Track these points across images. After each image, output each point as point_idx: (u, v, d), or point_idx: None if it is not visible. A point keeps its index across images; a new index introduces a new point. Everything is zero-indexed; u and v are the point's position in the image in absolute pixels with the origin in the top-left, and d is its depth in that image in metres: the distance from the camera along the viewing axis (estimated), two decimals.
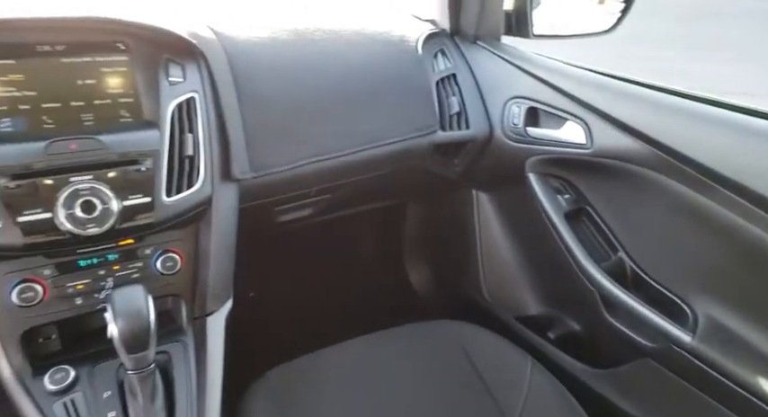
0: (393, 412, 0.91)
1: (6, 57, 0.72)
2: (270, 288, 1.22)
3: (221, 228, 0.86)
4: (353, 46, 1.05)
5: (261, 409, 0.87)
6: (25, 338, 0.76)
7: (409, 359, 1.01)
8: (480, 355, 0.99)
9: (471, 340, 1.03)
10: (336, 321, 1.47)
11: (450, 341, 1.03)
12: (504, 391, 0.93)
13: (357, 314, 1.48)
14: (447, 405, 0.93)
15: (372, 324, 1.08)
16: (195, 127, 0.81)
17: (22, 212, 0.68)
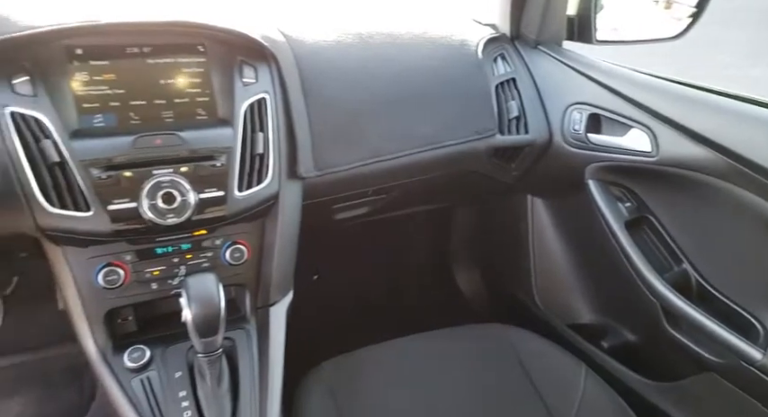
0: (444, 410, 0.92)
1: (101, 59, 0.78)
2: (323, 283, 1.26)
3: (286, 223, 0.90)
4: (414, 49, 1.06)
5: (317, 398, 0.90)
6: (107, 318, 0.82)
7: (461, 359, 1.01)
8: (532, 360, 0.99)
9: (523, 344, 1.03)
10: (384, 318, 1.49)
11: (502, 345, 1.03)
12: (557, 397, 0.92)
13: (404, 313, 1.50)
14: (498, 408, 0.93)
15: (419, 324, 1.09)
16: (266, 126, 0.85)
17: (112, 201, 0.74)
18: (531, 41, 1.19)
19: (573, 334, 1.25)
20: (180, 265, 0.85)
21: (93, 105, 0.78)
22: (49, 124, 0.72)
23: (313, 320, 1.16)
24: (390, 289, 1.68)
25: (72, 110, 0.76)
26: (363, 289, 1.64)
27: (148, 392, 0.78)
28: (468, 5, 1.35)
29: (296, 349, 0.93)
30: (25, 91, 0.72)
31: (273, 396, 0.82)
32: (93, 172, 0.73)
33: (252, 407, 0.80)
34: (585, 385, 0.94)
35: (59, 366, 1.42)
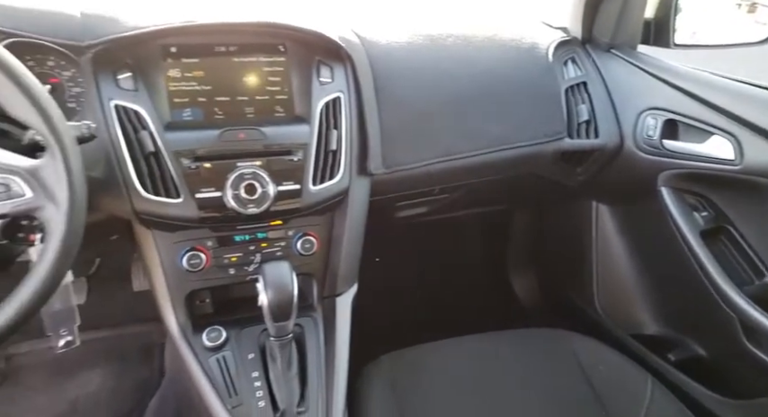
0: (503, 413, 0.92)
1: (192, 56, 0.83)
2: (379, 278, 1.28)
3: (354, 218, 0.93)
4: (484, 51, 1.07)
5: (377, 390, 0.91)
6: (188, 299, 0.88)
7: (519, 362, 1.01)
8: (595, 368, 0.97)
9: (585, 351, 1.01)
10: (438, 316, 1.49)
11: (561, 350, 1.02)
12: (622, 407, 0.90)
13: (456, 312, 1.50)
14: (558, 414, 0.92)
15: (472, 324, 1.09)
16: (339, 124, 0.88)
17: (199, 190, 0.79)
18: (603, 45, 1.17)
19: (637, 344, 1.21)
20: (255, 253, 0.89)
21: (184, 100, 0.83)
22: (146, 116, 0.77)
23: (368, 314, 1.19)
24: (443, 289, 1.68)
25: (165, 105, 0.82)
26: (417, 287, 1.65)
27: (224, 370, 0.82)
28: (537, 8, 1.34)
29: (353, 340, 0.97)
30: (127, 86, 0.78)
31: (339, 383, 0.85)
32: (184, 162, 0.78)
33: (319, 391, 0.83)
34: (652, 397, 0.91)
35: (134, 344, 1.52)
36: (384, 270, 1.57)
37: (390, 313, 1.47)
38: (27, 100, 0.56)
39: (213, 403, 0.80)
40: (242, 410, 0.79)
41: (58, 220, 0.58)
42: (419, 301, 1.62)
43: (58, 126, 0.58)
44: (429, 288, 1.68)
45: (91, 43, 0.75)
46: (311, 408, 0.82)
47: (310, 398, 0.83)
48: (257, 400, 0.80)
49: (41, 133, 0.58)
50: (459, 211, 1.42)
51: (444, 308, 1.60)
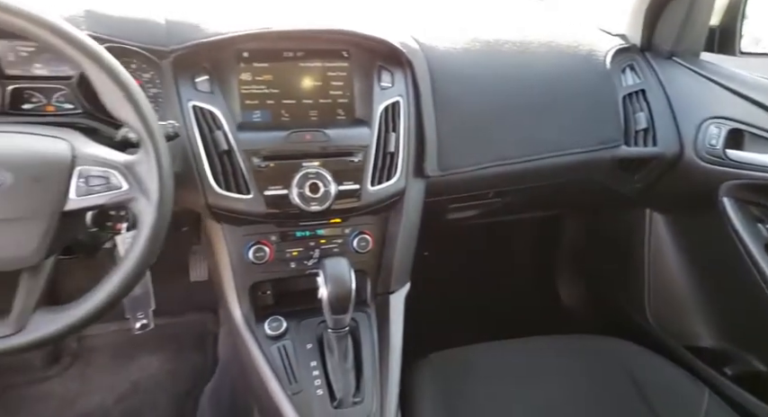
0: None
1: (262, 61, 0.88)
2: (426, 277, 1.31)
3: (409, 218, 0.96)
4: (541, 58, 1.07)
5: (427, 387, 0.94)
6: (251, 290, 0.93)
7: (568, 369, 1.00)
8: (648, 379, 0.96)
9: (637, 361, 1.00)
10: (483, 317, 1.50)
11: (611, 359, 1.01)
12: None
13: (502, 315, 1.50)
14: None
15: (517, 327, 1.10)
16: (398, 127, 0.90)
17: (268, 187, 0.84)
18: (664, 52, 1.16)
19: (691, 356, 1.19)
20: (315, 248, 0.93)
21: (254, 102, 0.88)
22: (221, 117, 0.83)
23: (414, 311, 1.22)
24: (489, 290, 1.69)
25: (237, 106, 0.87)
26: (463, 287, 1.66)
27: (284, 358, 0.87)
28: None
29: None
30: (204, 88, 0.84)
31: (393, 377, 0.88)
32: (254, 160, 0.83)
33: (374, 384, 0.86)
34: (708, 411, 0.89)
35: (189, 331, 1.60)
36: (431, 269, 1.60)
37: (436, 311, 1.48)
38: (128, 101, 0.62)
39: (274, 389, 0.84)
40: (301, 396, 0.84)
41: (149, 211, 0.63)
42: (465, 301, 1.63)
43: (153, 125, 0.63)
44: (475, 288, 1.68)
45: (175, 48, 0.81)
46: (366, 398, 0.85)
47: (365, 389, 0.86)
48: (316, 388, 0.84)
49: (137, 131, 0.63)
50: (513, 215, 1.43)
51: (489, 310, 1.60)
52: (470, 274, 1.70)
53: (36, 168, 0.60)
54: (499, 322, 1.38)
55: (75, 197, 0.61)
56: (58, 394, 1.42)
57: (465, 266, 1.70)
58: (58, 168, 0.61)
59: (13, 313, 0.61)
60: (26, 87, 0.82)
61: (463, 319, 1.46)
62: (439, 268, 1.61)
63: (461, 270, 1.69)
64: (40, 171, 0.60)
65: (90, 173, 0.62)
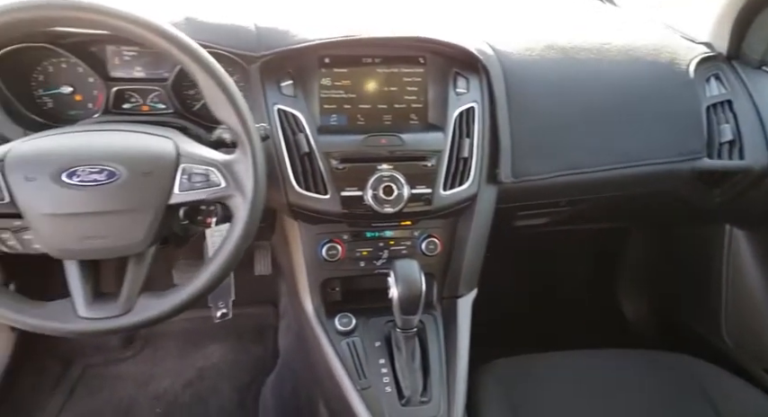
0: None
1: (342, 66, 0.92)
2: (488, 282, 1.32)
3: (480, 224, 0.96)
4: (619, 65, 1.05)
5: (493, 392, 0.94)
6: (322, 286, 0.96)
7: (639, 384, 0.98)
8: (725, 400, 0.92)
9: (713, 381, 0.96)
10: (542, 326, 1.48)
11: (685, 377, 0.98)
12: None
13: (562, 325, 1.47)
14: None
15: (578, 338, 1.08)
16: (472, 133, 0.92)
17: (344, 188, 0.87)
18: (753, 62, 1.11)
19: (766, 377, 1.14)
20: (384, 249, 0.96)
21: (332, 106, 0.92)
22: (303, 121, 0.87)
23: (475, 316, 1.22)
24: (550, 299, 1.67)
25: (316, 110, 0.91)
26: (524, 294, 1.65)
27: (353, 354, 0.90)
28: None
29: None
30: (289, 92, 0.88)
31: (460, 379, 0.89)
32: (333, 162, 0.87)
33: (441, 385, 0.88)
34: None
35: (250, 323, 1.67)
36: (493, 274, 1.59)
37: (497, 317, 1.47)
38: (231, 105, 0.66)
39: (344, 383, 0.87)
40: (370, 392, 0.86)
41: (244, 208, 0.67)
42: (523, 308, 1.62)
43: (251, 128, 0.68)
44: (535, 296, 1.67)
45: (264, 53, 0.86)
46: (434, 399, 0.86)
47: (433, 390, 0.87)
48: (384, 385, 0.87)
49: (236, 132, 0.68)
50: (581, 225, 1.40)
51: (547, 319, 1.58)
52: (531, 281, 1.69)
53: (147, 164, 0.66)
54: (557, 331, 1.36)
55: (178, 192, 0.66)
56: (133, 376, 1.52)
57: (526, 273, 1.68)
58: (166, 165, 0.66)
59: (122, 296, 0.67)
60: (127, 89, 0.89)
61: (521, 326, 1.45)
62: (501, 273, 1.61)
63: (522, 277, 1.68)
64: (150, 166, 0.66)
65: (192, 171, 0.67)
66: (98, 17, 0.61)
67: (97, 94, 0.90)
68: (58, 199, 0.63)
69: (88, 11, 0.60)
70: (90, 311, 0.66)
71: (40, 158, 0.64)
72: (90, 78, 0.88)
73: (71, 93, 0.89)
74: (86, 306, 0.66)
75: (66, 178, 0.63)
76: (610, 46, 1.07)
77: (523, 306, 1.63)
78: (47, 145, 0.66)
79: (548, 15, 1.29)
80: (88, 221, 0.64)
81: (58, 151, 0.65)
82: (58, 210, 0.63)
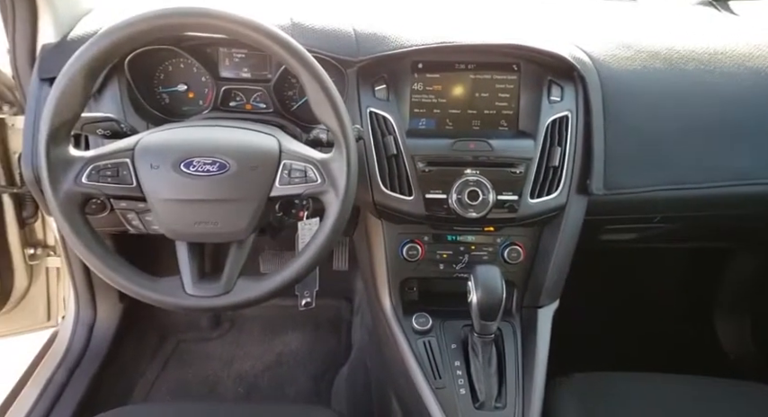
0: None
1: (434, 72, 0.93)
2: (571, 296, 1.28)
3: (567, 235, 0.94)
4: (732, 78, 0.98)
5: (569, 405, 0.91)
6: (401, 285, 0.98)
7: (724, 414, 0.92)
8: None
9: None
10: (625, 347, 1.41)
11: None
12: None
13: (647, 347, 1.39)
14: None
15: (665, 362, 1.02)
16: (564, 141, 0.89)
17: (429, 190, 0.88)
18: None
19: None
20: (464, 253, 0.96)
21: (421, 110, 0.94)
22: (393, 123, 0.89)
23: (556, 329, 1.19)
24: (637, 319, 1.59)
25: (407, 114, 0.93)
26: (609, 311, 1.58)
27: (429, 353, 0.91)
28: None
29: None
30: (382, 96, 0.91)
31: (537, 389, 0.88)
32: (419, 165, 0.88)
33: (517, 392, 0.87)
34: None
35: (325, 316, 1.73)
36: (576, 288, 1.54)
37: (579, 331, 1.43)
38: (332, 108, 0.70)
39: (420, 382, 0.88)
40: (445, 393, 0.87)
41: (336, 204, 0.71)
42: (608, 325, 1.55)
43: (348, 130, 0.71)
44: (622, 314, 1.59)
45: (362, 59, 0.89)
46: (509, 405, 0.86)
47: (508, 396, 0.87)
48: (459, 387, 0.87)
49: (335, 133, 0.71)
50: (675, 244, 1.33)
51: (633, 338, 1.51)
52: (618, 298, 1.61)
53: (254, 159, 0.71)
54: (643, 352, 1.29)
55: (278, 185, 0.71)
56: (219, 355, 1.63)
57: (614, 289, 1.61)
58: (270, 160, 0.71)
59: (223, 278, 0.72)
60: (234, 88, 0.96)
61: (605, 344, 1.39)
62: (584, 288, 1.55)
63: (609, 293, 1.61)
64: (257, 161, 0.71)
65: (292, 167, 0.71)
66: (221, 23, 0.66)
67: (207, 92, 0.97)
68: (176, 186, 0.69)
69: (214, 17, 0.66)
70: (196, 289, 0.72)
71: (163, 149, 0.71)
72: (203, 78, 0.96)
73: (185, 91, 0.97)
74: (193, 285, 0.72)
75: (184, 168, 0.69)
76: (723, 56, 1.00)
77: (608, 322, 1.56)
78: (169, 137, 0.73)
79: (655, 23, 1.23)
80: (200, 207, 0.70)
81: (178, 143, 0.71)
82: (176, 196, 0.70)
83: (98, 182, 0.69)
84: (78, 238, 0.69)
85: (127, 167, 0.70)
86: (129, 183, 0.70)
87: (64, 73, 0.66)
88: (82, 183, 0.69)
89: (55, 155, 0.68)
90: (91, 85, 0.69)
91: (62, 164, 0.69)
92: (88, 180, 0.69)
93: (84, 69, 0.66)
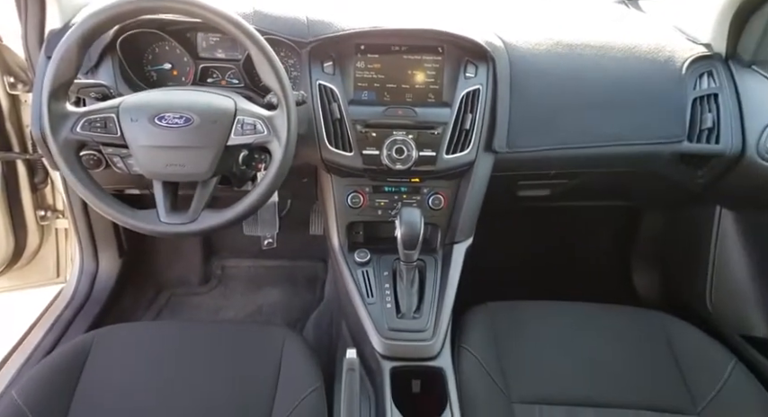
0: (584, 369, 1.00)
1: (374, 53, 1.06)
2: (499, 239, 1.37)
3: (476, 185, 1.08)
4: (618, 61, 1.11)
5: (480, 327, 1.05)
6: (348, 228, 1.12)
7: (612, 332, 1.07)
8: (681, 344, 0.99)
9: (678, 332, 1.04)
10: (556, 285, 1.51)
11: (656, 329, 1.05)
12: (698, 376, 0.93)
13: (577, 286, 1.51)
14: (638, 378, 0.98)
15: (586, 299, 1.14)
16: (475, 109, 1.03)
17: (365, 148, 1.02)
18: (744, 61, 1.14)
19: (742, 341, 1.17)
20: (398, 201, 1.10)
21: (363, 84, 1.06)
22: (338, 93, 1.02)
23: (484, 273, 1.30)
24: (567, 268, 1.72)
25: (351, 86, 1.05)
26: (538, 260, 1.71)
27: (366, 279, 1.06)
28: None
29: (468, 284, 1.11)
30: (329, 71, 1.03)
31: (448, 301, 1.04)
32: (358, 127, 1.02)
33: (432, 306, 1.02)
34: (732, 374, 0.93)
35: (303, 274, 1.86)
36: (510, 241, 1.66)
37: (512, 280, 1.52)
38: (275, 75, 0.83)
39: (357, 300, 1.04)
40: (375, 307, 1.02)
41: (279, 151, 0.84)
42: (541, 278, 1.66)
43: (289, 92, 0.84)
44: (554, 265, 1.71)
45: (312, 40, 1.02)
46: (424, 315, 1.01)
47: (424, 309, 1.02)
48: (386, 303, 1.02)
49: (278, 96, 0.84)
50: (583, 201, 1.47)
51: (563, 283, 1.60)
52: (548, 249, 1.74)
53: (214, 114, 0.84)
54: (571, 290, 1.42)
55: (233, 136, 0.84)
56: (206, 306, 1.75)
57: (543, 242, 1.74)
58: (227, 115, 0.84)
59: (190, 210, 0.85)
60: (210, 66, 1.09)
61: (535, 280, 1.53)
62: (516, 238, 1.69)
63: (539, 246, 1.74)
64: (216, 116, 0.83)
65: (245, 121, 0.84)
66: (191, 8, 0.80)
67: (189, 70, 1.09)
68: (152, 135, 0.82)
69: (186, 3, 0.79)
70: (168, 218, 0.85)
71: (141, 106, 0.83)
72: (184, 58, 1.08)
73: (170, 69, 1.09)
74: (166, 215, 0.85)
75: (158, 121, 0.82)
76: (613, 44, 1.12)
77: (537, 268, 1.69)
78: (147, 97, 0.86)
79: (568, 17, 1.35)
80: (170, 152, 0.83)
81: (154, 102, 0.84)
82: (151, 143, 0.82)
83: (90, 132, 0.82)
84: (74, 175, 0.82)
85: (113, 120, 0.82)
86: (115, 133, 0.82)
87: (62, 43, 0.79)
88: (77, 132, 0.81)
89: (55, 109, 0.80)
90: (83, 54, 0.81)
91: (61, 116, 0.81)
92: (82, 130, 0.81)
93: (78, 41, 0.79)
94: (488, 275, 1.32)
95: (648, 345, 1.03)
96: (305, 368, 0.94)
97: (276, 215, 1.12)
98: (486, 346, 1.01)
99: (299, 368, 0.94)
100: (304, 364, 0.95)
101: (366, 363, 1.04)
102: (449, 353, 0.99)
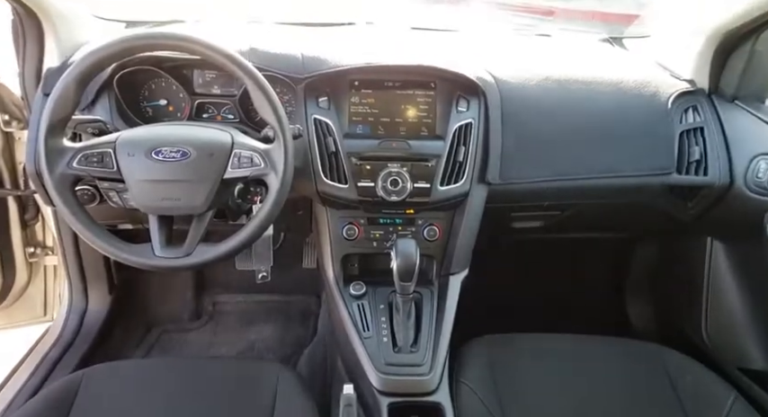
0: (584, 404, 0.96)
1: (368, 88, 1.06)
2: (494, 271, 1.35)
3: (471, 216, 1.07)
4: (606, 95, 1.12)
5: (477, 360, 1.02)
6: (343, 260, 1.09)
7: (610, 367, 1.03)
8: (680, 378, 0.96)
9: (677, 365, 1.00)
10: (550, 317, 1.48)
11: (655, 363, 1.02)
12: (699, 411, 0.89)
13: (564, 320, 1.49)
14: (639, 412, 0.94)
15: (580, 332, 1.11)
16: (468, 142, 1.03)
17: (360, 180, 1.00)
18: (728, 96, 1.16)
19: (740, 375, 1.14)
20: (393, 233, 1.08)
21: (358, 119, 1.06)
22: (333, 127, 1.01)
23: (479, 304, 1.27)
24: (563, 300, 1.69)
25: (345, 120, 1.05)
26: (535, 294, 1.67)
27: (362, 312, 1.02)
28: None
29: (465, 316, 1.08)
30: (324, 106, 1.03)
31: (445, 334, 1.00)
32: (353, 160, 1.01)
33: (429, 339, 0.99)
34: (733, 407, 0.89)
35: (297, 308, 1.81)
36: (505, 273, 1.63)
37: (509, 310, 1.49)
38: (272, 110, 0.82)
39: (353, 334, 1.00)
40: (371, 341, 0.99)
41: (276, 183, 0.82)
42: (532, 304, 1.63)
43: (286, 126, 0.83)
44: (545, 296, 1.68)
45: (307, 76, 1.02)
46: (421, 349, 0.97)
47: (421, 342, 0.98)
48: (383, 336, 0.98)
49: (275, 129, 0.83)
50: (577, 232, 1.46)
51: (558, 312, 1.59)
52: (540, 280, 1.71)
53: (210, 148, 0.82)
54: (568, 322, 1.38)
55: (230, 169, 0.82)
56: (197, 342, 1.69)
57: (535, 271, 1.72)
58: (224, 149, 0.83)
59: (185, 244, 0.83)
60: (206, 102, 1.08)
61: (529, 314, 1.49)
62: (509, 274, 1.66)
63: (531, 274, 1.72)
64: (213, 149, 0.82)
65: (242, 155, 0.83)
66: (189, 45, 0.79)
67: (184, 106, 1.09)
68: (148, 169, 0.80)
69: (185, 40, 0.79)
70: (163, 252, 0.82)
71: (138, 141, 0.82)
72: (180, 94, 1.08)
73: (166, 105, 1.09)
74: (161, 249, 0.82)
75: (155, 155, 0.80)
76: (600, 79, 1.14)
77: (534, 296, 1.66)
78: (144, 132, 0.84)
79: (556, 54, 1.38)
80: (166, 186, 0.81)
81: (150, 136, 0.83)
82: (148, 177, 0.81)
83: (86, 167, 0.80)
84: (69, 210, 0.79)
85: (109, 155, 0.81)
86: (111, 168, 0.81)
87: (61, 81, 0.78)
88: (73, 167, 0.80)
89: (52, 144, 0.79)
90: (82, 91, 0.80)
91: (57, 152, 0.80)
92: (78, 164, 0.80)
93: (76, 79, 0.78)
94: (483, 306, 1.29)
95: (647, 378, 0.99)
96: (300, 405, 0.90)
97: (270, 248, 1.09)
98: (484, 380, 0.98)
99: (295, 404, 0.91)
100: (299, 400, 0.91)
101: (362, 399, 0.99)
102: (447, 387, 0.96)
